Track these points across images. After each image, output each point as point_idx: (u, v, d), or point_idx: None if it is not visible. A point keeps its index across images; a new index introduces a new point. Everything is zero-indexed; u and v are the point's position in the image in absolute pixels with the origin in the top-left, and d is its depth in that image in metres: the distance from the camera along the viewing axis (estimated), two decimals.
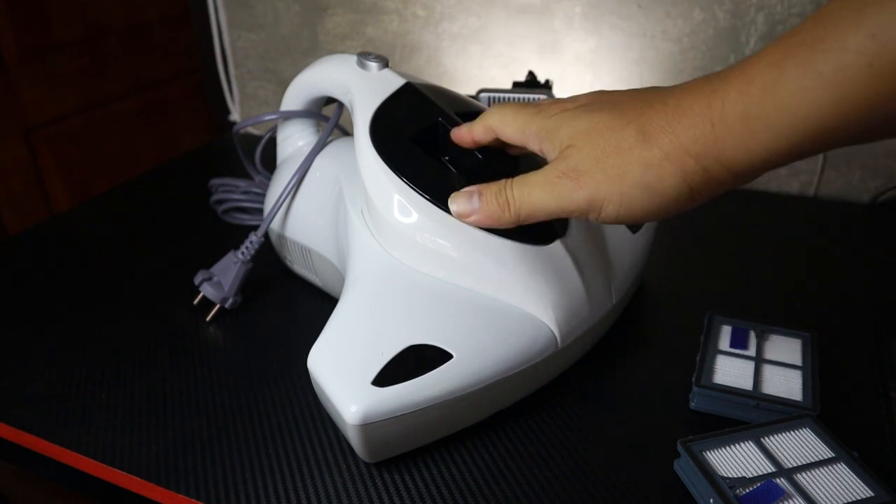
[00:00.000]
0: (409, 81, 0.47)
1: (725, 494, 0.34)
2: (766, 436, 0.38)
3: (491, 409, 0.42)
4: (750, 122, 0.29)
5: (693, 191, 0.31)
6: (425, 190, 0.41)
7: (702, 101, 0.30)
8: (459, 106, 0.46)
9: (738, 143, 0.29)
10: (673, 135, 0.31)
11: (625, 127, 0.32)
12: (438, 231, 0.41)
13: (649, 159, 0.31)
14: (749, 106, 0.28)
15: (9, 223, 0.79)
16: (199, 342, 0.50)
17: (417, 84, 0.47)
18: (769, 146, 0.29)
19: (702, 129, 0.30)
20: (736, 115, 0.29)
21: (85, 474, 0.41)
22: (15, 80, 0.78)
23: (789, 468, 0.36)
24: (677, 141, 0.31)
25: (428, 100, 0.46)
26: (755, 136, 0.29)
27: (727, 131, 0.29)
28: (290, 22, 0.91)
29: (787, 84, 0.27)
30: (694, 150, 0.30)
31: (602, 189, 0.33)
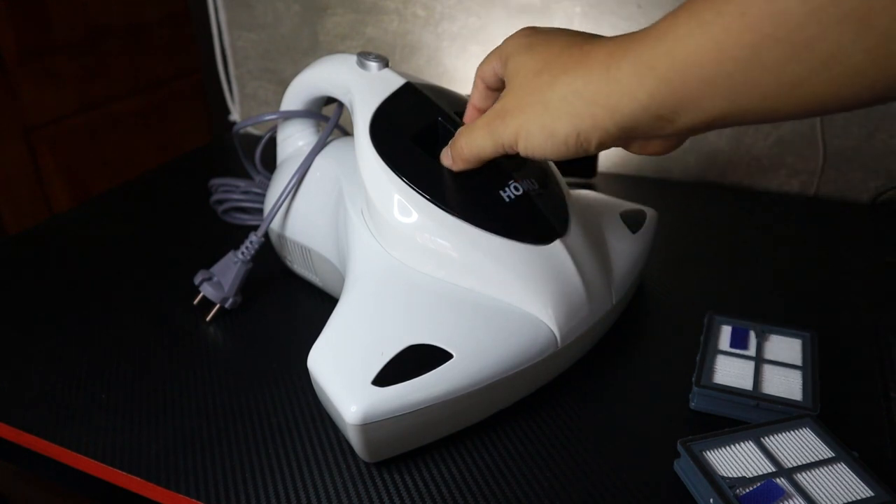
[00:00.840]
0: (408, 81, 0.47)
1: (725, 494, 0.34)
2: (766, 436, 0.38)
3: (491, 408, 0.42)
4: (639, 67, 0.30)
5: (580, 136, 0.33)
6: (425, 190, 0.41)
7: (607, 50, 0.32)
8: (460, 106, 0.46)
9: (626, 89, 0.30)
10: (572, 78, 0.33)
11: (541, 71, 0.34)
12: (438, 231, 0.41)
13: (549, 100, 0.34)
14: (640, 54, 0.30)
15: (9, 223, 0.79)
16: (199, 342, 0.50)
17: (417, 84, 0.47)
18: (651, 91, 0.29)
19: (598, 74, 0.31)
20: (629, 63, 0.30)
21: (85, 474, 0.41)
22: (15, 80, 0.78)
23: (789, 468, 0.36)
24: (574, 85, 0.32)
25: (428, 99, 0.46)
26: (642, 84, 0.30)
27: (618, 78, 0.30)
28: (290, 22, 0.91)
29: (676, 31, 0.28)
30: (586, 94, 0.32)
31: (521, 125, 0.35)
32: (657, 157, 0.80)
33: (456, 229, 0.41)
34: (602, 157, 0.82)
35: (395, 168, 0.42)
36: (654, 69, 0.29)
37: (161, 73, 0.97)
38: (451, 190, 0.42)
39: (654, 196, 0.73)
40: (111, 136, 0.91)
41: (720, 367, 0.44)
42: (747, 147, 0.76)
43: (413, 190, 0.42)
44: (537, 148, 0.35)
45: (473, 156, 0.40)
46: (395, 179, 0.42)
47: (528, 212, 0.42)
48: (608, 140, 0.33)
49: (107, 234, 0.68)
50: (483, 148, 0.39)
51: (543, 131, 0.34)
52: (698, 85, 0.28)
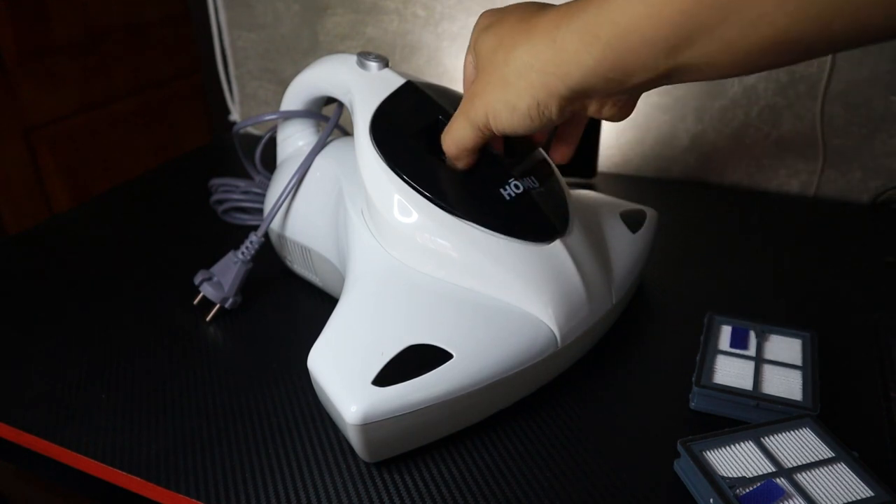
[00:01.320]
0: (409, 81, 0.47)
1: (725, 494, 0.34)
2: (766, 436, 0.38)
3: (491, 408, 0.42)
4: (583, 35, 0.31)
5: (540, 106, 0.35)
6: (425, 189, 0.41)
7: (551, 20, 0.33)
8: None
9: (573, 57, 0.32)
10: (522, 51, 0.34)
11: (497, 48, 0.36)
12: (438, 231, 0.41)
13: (507, 75, 0.35)
14: (585, 22, 0.31)
15: (9, 223, 0.79)
16: (199, 342, 0.50)
17: (418, 83, 0.47)
18: (598, 57, 0.31)
19: (545, 45, 0.33)
20: (573, 31, 0.32)
21: (85, 474, 0.41)
22: (15, 80, 0.78)
23: (789, 468, 0.36)
24: (524, 57, 0.34)
25: (429, 98, 0.46)
26: (588, 49, 0.31)
27: (564, 47, 0.32)
28: (290, 22, 0.91)
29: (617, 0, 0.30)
30: (537, 65, 0.33)
31: (488, 104, 0.37)
32: (657, 157, 0.80)
33: (456, 229, 0.41)
34: (602, 158, 0.82)
35: (396, 168, 0.42)
36: (598, 37, 0.31)
37: (161, 73, 0.97)
38: (452, 189, 0.42)
39: (654, 196, 0.73)
40: (111, 136, 0.91)
41: (720, 367, 0.44)
42: (747, 147, 0.76)
43: (413, 190, 0.42)
44: (505, 123, 0.36)
45: (460, 148, 0.40)
46: (395, 179, 0.42)
47: (528, 210, 0.42)
48: (566, 104, 0.35)
49: (107, 234, 0.68)
50: (464, 137, 0.39)
51: (507, 107, 0.36)
52: (641, 48, 0.30)
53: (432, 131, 0.44)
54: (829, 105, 0.71)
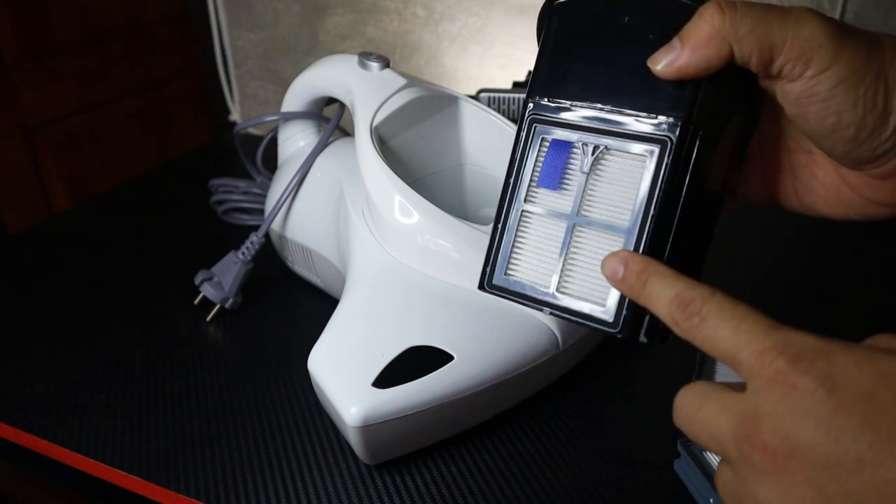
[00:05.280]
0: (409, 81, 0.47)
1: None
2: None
3: (492, 410, 0.42)
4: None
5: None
6: None
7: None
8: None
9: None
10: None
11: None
12: (439, 232, 0.41)
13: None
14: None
15: (9, 223, 0.79)
16: (199, 342, 0.50)
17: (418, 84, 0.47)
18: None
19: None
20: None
21: (85, 474, 0.41)
22: (15, 80, 0.78)
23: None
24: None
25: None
26: None
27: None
28: (290, 22, 0.91)
29: None
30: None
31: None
32: None
33: (457, 230, 0.41)
34: None
35: (396, 169, 0.42)
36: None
37: (161, 73, 0.97)
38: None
39: None
40: (111, 136, 0.91)
41: (720, 367, 0.44)
42: None
43: (414, 191, 0.42)
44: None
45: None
46: (395, 180, 0.42)
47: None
48: None
49: (107, 234, 0.68)
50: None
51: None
52: None
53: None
54: None
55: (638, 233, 0.28)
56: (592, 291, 0.29)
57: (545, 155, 0.30)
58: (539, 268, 0.30)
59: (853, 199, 0.30)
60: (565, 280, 0.30)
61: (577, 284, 0.29)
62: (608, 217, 0.29)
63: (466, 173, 0.52)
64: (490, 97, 0.66)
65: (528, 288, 0.30)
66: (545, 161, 0.30)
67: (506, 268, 0.31)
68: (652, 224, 0.27)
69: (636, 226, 0.28)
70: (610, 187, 0.29)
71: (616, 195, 0.29)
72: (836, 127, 0.26)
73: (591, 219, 0.29)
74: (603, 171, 0.29)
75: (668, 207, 0.28)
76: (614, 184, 0.29)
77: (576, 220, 0.29)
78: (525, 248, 0.31)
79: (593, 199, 0.29)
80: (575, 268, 0.29)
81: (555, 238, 0.30)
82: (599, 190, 0.29)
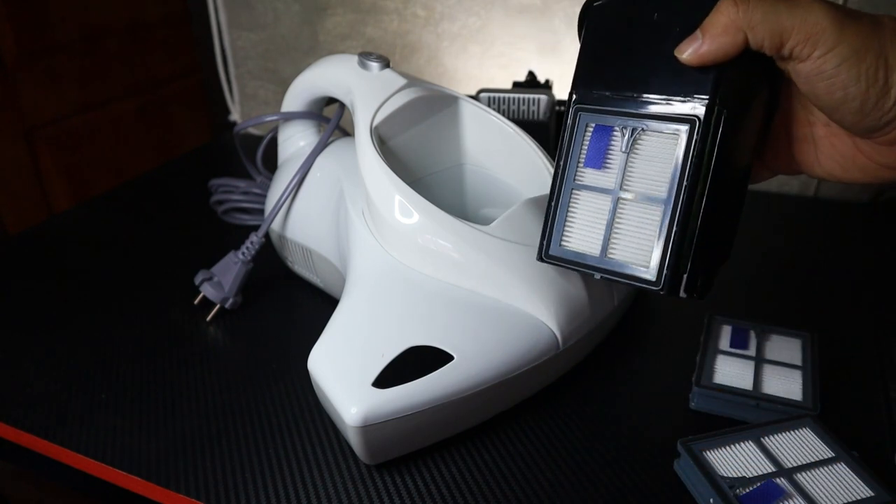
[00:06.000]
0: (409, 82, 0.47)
1: (726, 494, 0.34)
2: (766, 436, 0.38)
3: (492, 410, 0.42)
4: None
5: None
6: None
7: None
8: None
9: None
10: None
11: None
12: (439, 232, 0.41)
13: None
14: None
15: (9, 223, 0.79)
16: (199, 342, 0.50)
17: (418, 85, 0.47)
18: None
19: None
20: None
21: (85, 474, 0.41)
22: (15, 80, 0.78)
23: (789, 468, 0.36)
24: None
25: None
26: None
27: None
28: (290, 22, 0.91)
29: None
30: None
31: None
32: None
33: (457, 230, 0.41)
34: None
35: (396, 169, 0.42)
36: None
37: (161, 73, 0.97)
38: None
39: None
40: (111, 136, 0.91)
41: (720, 367, 0.44)
42: None
43: (414, 191, 0.42)
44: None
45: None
46: (395, 180, 0.42)
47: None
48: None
49: (107, 234, 0.68)
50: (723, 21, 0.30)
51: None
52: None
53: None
54: None
55: (674, 202, 0.31)
56: (637, 255, 0.33)
57: (589, 139, 0.34)
58: (589, 238, 0.34)
59: (867, 165, 0.33)
60: (612, 247, 0.33)
61: (623, 250, 0.33)
62: (647, 190, 0.32)
63: (466, 173, 0.52)
64: (490, 97, 0.66)
65: (580, 256, 0.34)
66: (590, 144, 0.34)
67: (560, 240, 0.35)
68: (685, 194, 0.31)
69: (671, 196, 0.31)
70: (647, 164, 0.33)
71: (653, 170, 0.32)
72: (843, 100, 0.30)
73: (631, 192, 0.33)
74: (640, 150, 0.33)
75: (700, 179, 0.31)
76: (651, 160, 0.32)
77: (619, 194, 0.33)
78: (576, 221, 0.35)
79: (633, 175, 0.33)
80: (620, 236, 0.33)
81: (601, 211, 0.34)
82: (638, 167, 0.33)
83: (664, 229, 0.31)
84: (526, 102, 0.66)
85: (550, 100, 0.66)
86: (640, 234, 0.32)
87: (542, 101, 0.66)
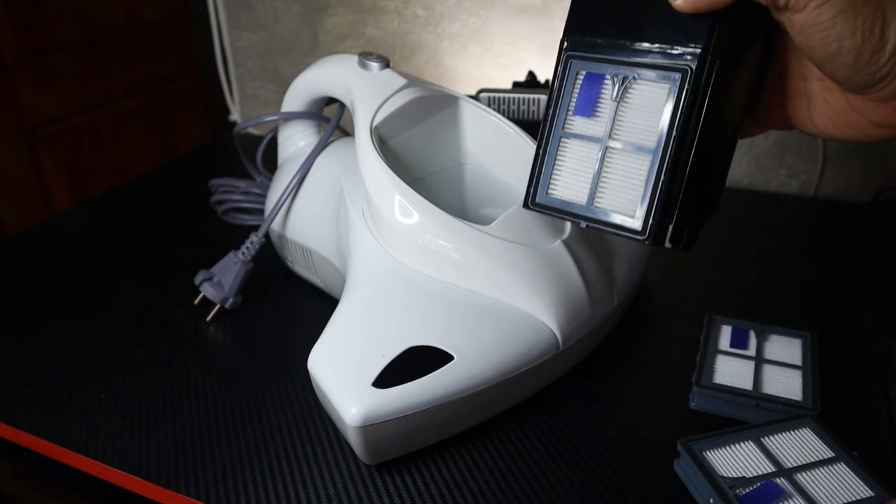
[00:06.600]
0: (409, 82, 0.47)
1: (726, 494, 0.34)
2: (766, 436, 0.38)
3: (492, 410, 0.42)
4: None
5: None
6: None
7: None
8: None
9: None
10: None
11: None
12: (439, 232, 0.41)
13: None
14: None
15: (9, 223, 0.79)
16: (199, 342, 0.50)
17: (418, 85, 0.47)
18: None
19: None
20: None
21: (85, 474, 0.41)
22: (15, 80, 0.78)
23: (789, 468, 0.36)
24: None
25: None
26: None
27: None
28: (290, 22, 0.91)
29: None
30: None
31: None
32: None
33: (457, 230, 0.41)
34: None
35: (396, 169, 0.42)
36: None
37: (161, 73, 0.97)
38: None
39: None
40: (111, 136, 0.91)
41: (720, 367, 0.44)
42: (747, 147, 0.76)
43: (414, 191, 0.42)
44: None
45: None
46: (395, 180, 0.42)
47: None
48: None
49: (107, 234, 0.68)
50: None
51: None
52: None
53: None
54: None
55: (662, 153, 0.31)
56: (623, 205, 0.32)
57: (580, 86, 0.34)
58: (576, 186, 0.34)
59: (858, 122, 0.33)
60: (599, 196, 0.33)
61: (610, 199, 0.33)
62: (636, 139, 0.32)
63: (466, 173, 0.52)
64: (490, 97, 0.66)
65: (567, 204, 0.34)
66: (580, 92, 0.34)
67: (547, 187, 0.35)
68: (674, 144, 0.31)
69: (660, 146, 0.31)
70: (637, 113, 0.32)
71: (643, 120, 0.32)
72: (837, 53, 0.29)
73: (620, 141, 0.32)
74: (631, 99, 0.32)
75: (689, 129, 0.31)
76: (641, 110, 0.32)
77: (607, 142, 0.33)
78: (563, 169, 0.34)
79: (623, 124, 0.32)
80: (607, 185, 0.33)
81: (589, 160, 0.33)
82: (628, 116, 0.32)
83: (651, 179, 0.31)
84: (526, 102, 0.66)
85: None
86: (628, 183, 0.32)
87: (542, 101, 0.66)
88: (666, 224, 0.31)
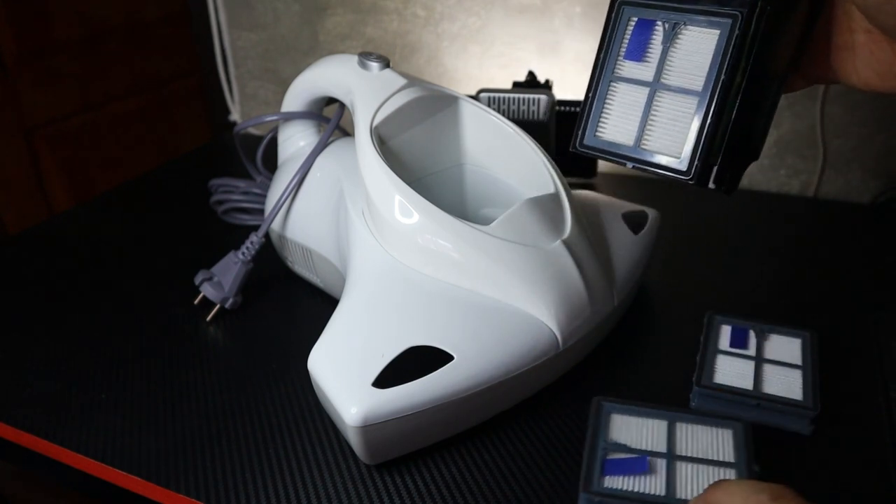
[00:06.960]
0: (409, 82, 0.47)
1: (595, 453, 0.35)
2: (682, 422, 0.38)
3: (492, 410, 0.42)
4: None
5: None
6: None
7: None
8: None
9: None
10: None
11: None
12: (439, 232, 0.41)
13: None
14: None
15: (9, 223, 0.79)
16: (199, 342, 0.50)
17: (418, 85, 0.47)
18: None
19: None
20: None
21: (85, 474, 0.41)
22: (15, 80, 0.78)
23: (678, 455, 0.36)
24: None
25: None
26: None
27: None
28: (290, 22, 0.91)
29: None
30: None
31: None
32: None
33: (457, 230, 0.41)
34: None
35: (396, 169, 0.42)
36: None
37: (161, 73, 0.97)
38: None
39: (655, 196, 0.73)
40: (111, 136, 0.91)
41: (720, 367, 0.44)
42: None
43: (414, 191, 0.42)
44: None
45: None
46: (395, 180, 0.42)
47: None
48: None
49: (107, 234, 0.68)
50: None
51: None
52: None
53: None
54: (829, 105, 0.71)
55: (709, 96, 0.32)
56: (669, 145, 0.33)
57: (631, 32, 0.35)
58: (624, 128, 0.35)
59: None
60: (646, 137, 0.34)
61: (656, 140, 0.34)
62: (684, 83, 0.33)
63: (466, 173, 0.52)
64: (490, 97, 0.66)
65: (614, 145, 0.35)
66: (631, 37, 0.35)
67: (595, 130, 0.35)
68: (722, 88, 0.31)
69: (707, 90, 0.32)
70: (686, 57, 0.33)
71: (691, 64, 0.33)
72: (887, 0, 0.30)
73: (668, 84, 0.33)
74: (681, 44, 0.33)
75: (737, 73, 0.32)
76: (690, 54, 0.33)
77: (656, 86, 0.34)
78: (612, 112, 0.35)
79: (672, 68, 0.33)
80: (654, 127, 0.34)
81: (637, 103, 0.34)
82: (677, 60, 0.33)
83: (698, 121, 0.32)
84: (526, 102, 0.66)
85: (550, 100, 0.66)
86: (675, 125, 0.33)
87: (542, 101, 0.66)
88: (710, 165, 0.32)
